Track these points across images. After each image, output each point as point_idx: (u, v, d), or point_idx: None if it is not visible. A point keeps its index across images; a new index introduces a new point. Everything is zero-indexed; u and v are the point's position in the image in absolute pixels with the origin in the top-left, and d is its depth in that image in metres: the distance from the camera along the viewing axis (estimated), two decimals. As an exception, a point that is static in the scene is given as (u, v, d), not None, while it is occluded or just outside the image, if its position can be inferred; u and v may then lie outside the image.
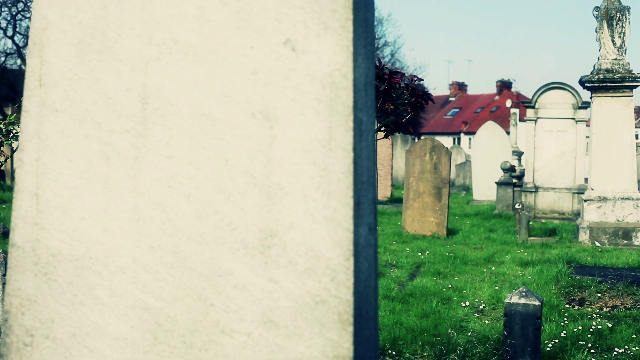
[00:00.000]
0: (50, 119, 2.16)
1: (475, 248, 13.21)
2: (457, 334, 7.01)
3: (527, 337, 6.02)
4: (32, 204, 2.17)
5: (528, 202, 18.63)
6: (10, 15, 53.23)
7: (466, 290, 9.23)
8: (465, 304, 8.42)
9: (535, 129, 18.75)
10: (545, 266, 10.73)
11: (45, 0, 2.20)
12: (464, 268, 11.02)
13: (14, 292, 2.21)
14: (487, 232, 15.53)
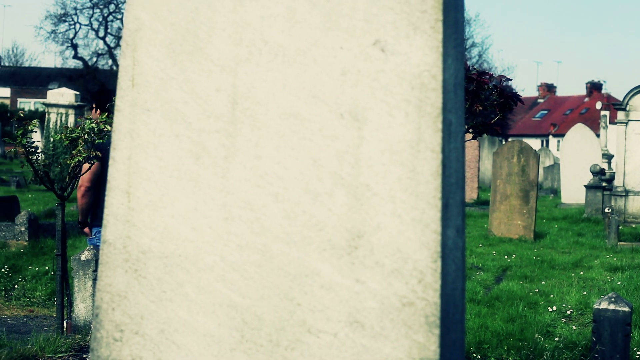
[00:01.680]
0: (142, 118, 2.19)
1: (563, 252, 13.00)
2: (544, 339, 6.92)
3: (616, 344, 5.90)
4: (123, 202, 2.21)
5: (618, 206, 18.26)
6: (102, 17, 54.34)
7: (553, 295, 9.09)
8: (552, 309, 8.29)
9: (626, 132, 18.36)
10: (635, 272, 10.50)
11: (139, 2, 2.23)
12: (552, 272, 10.86)
13: (105, 287, 2.25)
14: (575, 236, 15.27)
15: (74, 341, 6.67)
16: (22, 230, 12.09)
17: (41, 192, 19.93)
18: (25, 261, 11.28)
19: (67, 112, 21.21)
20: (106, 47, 55.10)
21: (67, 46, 54.81)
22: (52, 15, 55.86)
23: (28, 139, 6.97)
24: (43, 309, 9.99)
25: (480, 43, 74.64)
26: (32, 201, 17.63)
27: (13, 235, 12.11)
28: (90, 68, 54.50)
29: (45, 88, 58.87)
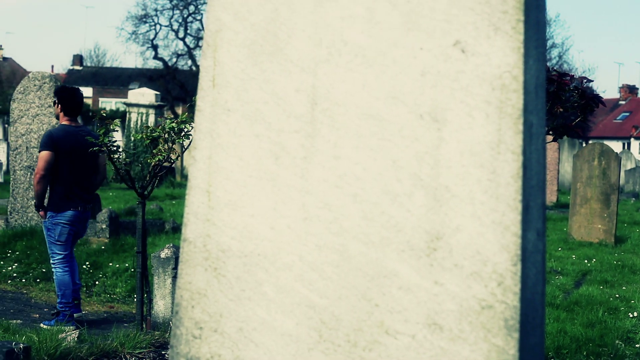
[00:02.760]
0: (223, 118, 2.21)
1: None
2: (624, 345, 6.79)
3: (700, 352, 5.77)
4: (204, 201, 2.24)
5: (702, 211, 17.83)
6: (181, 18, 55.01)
7: (634, 300, 8.92)
8: (633, 315, 8.14)
9: None
10: None
11: (220, 3, 2.26)
12: (633, 277, 10.66)
13: (185, 285, 2.28)
14: (657, 240, 14.96)
15: (153, 337, 6.77)
16: (103, 228, 12.31)
17: (122, 190, 20.26)
18: (106, 258, 11.47)
19: (148, 111, 21.53)
20: (186, 48, 55.75)
21: (148, 47, 55.61)
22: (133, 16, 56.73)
23: (110, 138, 7.10)
24: (123, 305, 10.16)
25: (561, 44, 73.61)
26: (113, 199, 17.93)
27: (94, 233, 12.33)
28: (170, 68, 55.21)
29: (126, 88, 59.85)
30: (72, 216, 8.45)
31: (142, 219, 7.35)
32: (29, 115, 12.57)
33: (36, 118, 12.55)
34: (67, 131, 8.45)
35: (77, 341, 6.49)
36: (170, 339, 2.31)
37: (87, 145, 8.12)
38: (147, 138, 7.06)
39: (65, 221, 8.45)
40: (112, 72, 74.87)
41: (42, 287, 10.88)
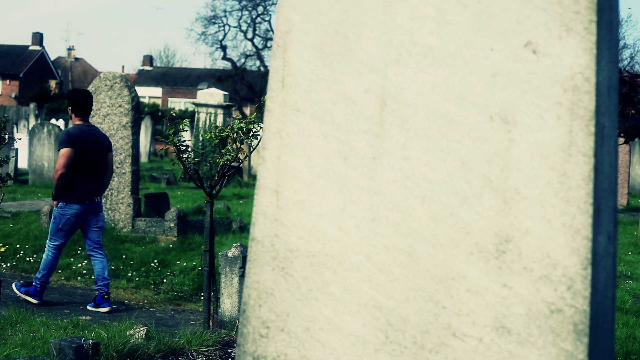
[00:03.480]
0: (292, 118, 2.22)
1: None
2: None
3: None
4: (272, 201, 2.25)
5: None
6: (250, 19, 55.34)
7: None
8: None
9: None
10: None
11: (290, 4, 2.27)
12: None
13: (253, 284, 2.30)
14: None
15: (219, 336, 6.82)
16: (172, 226, 12.45)
17: (190, 189, 20.46)
18: (173, 256, 11.60)
19: (216, 111, 21.70)
20: (254, 49, 56.07)
21: (217, 47, 56.05)
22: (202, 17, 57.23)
23: (179, 138, 7.17)
24: (190, 303, 10.25)
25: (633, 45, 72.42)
26: (181, 198, 18.11)
27: (163, 231, 12.48)
28: (238, 69, 55.57)
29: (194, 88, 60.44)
30: (79, 209, 9.21)
31: (210, 218, 7.41)
32: (99, 115, 12.77)
33: (107, 117, 12.74)
34: (82, 130, 9.25)
35: (145, 338, 6.57)
36: (236, 337, 2.33)
37: (98, 144, 9.25)
38: (215, 138, 7.12)
39: (71, 214, 9.19)
40: (181, 73, 75.67)
41: (112, 284, 11.03)
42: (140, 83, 69.05)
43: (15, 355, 6.05)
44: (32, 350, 6.23)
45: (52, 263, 9.52)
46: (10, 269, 11.78)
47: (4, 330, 7.01)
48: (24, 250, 12.30)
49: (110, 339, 6.14)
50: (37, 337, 6.71)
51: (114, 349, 6.04)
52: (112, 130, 12.69)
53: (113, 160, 9.73)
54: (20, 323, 7.27)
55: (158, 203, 13.66)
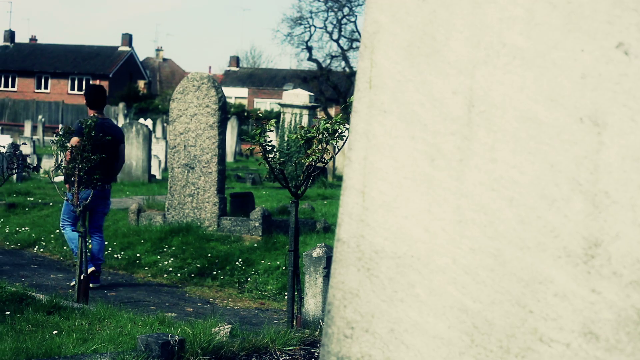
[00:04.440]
0: (379, 119, 2.22)
1: None
2: None
3: None
4: (358, 201, 2.25)
5: None
6: (336, 20, 55.49)
7: None
8: None
9: None
10: None
11: (377, 5, 2.27)
12: None
13: (338, 285, 2.30)
14: None
15: (303, 335, 6.85)
16: (256, 226, 12.55)
17: (275, 189, 20.61)
18: (258, 255, 11.69)
19: (301, 112, 21.81)
20: (340, 50, 56.19)
21: (302, 48, 56.36)
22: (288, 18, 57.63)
23: (265, 138, 7.23)
24: (273, 302, 10.33)
25: None
26: (266, 198, 18.26)
27: (247, 230, 12.59)
28: (323, 70, 55.76)
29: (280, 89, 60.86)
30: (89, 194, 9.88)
31: (295, 218, 7.45)
32: (187, 115, 12.94)
33: (194, 117, 12.90)
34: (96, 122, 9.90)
35: (229, 336, 6.64)
36: (320, 337, 2.34)
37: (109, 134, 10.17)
38: (301, 138, 7.15)
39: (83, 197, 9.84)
40: (267, 73, 76.29)
41: (197, 281, 11.17)
42: (227, 84, 69.81)
43: (103, 350, 6.17)
44: (119, 346, 6.35)
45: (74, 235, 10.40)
46: (99, 266, 12.01)
47: (92, 326, 7.16)
48: (111, 247, 12.54)
49: (196, 336, 6.22)
50: (124, 333, 6.84)
51: (199, 346, 6.11)
52: (199, 130, 12.85)
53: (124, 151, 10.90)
54: (107, 319, 7.41)
55: (243, 202, 13.79)
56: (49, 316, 7.44)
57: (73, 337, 6.58)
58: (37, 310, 7.49)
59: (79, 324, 7.20)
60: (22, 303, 7.77)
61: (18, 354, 5.92)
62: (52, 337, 6.61)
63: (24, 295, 8.09)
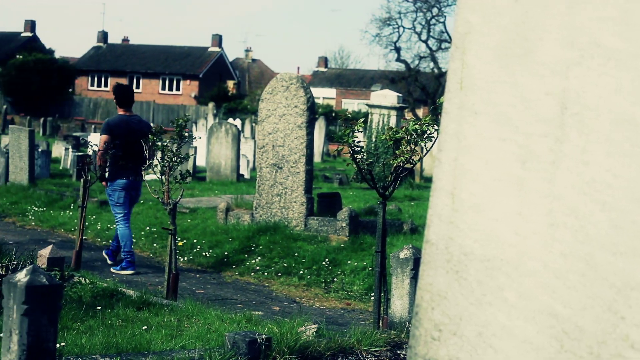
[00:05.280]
0: (469, 120, 2.21)
1: None
2: None
3: None
4: (447, 203, 2.24)
5: None
6: (424, 20, 55.22)
7: None
8: None
9: None
10: None
11: (468, 6, 2.25)
12: None
13: (426, 287, 2.29)
14: None
15: (389, 337, 6.84)
16: (343, 226, 12.56)
17: (361, 190, 20.61)
18: (344, 256, 11.71)
19: (389, 113, 21.76)
20: (428, 50, 55.92)
21: (391, 49, 56.24)
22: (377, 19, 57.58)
23: (354, 139, 7.24)
24: (359, 302, 10.33)
25: None
26: (353, 198, 18.27)
27: (334, 230, 12.61)
28: (412, 71, 55.57)
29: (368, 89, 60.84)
30: (124, 184, 11.11)
31: (382, 219, 7.44)
32: (275, 115, 13.04)
33: (283, 118, 12.99)
34: (122, 119, 11.21)
35: (316, 335, 6.66)
36: (406, 339, 2.34)
37: (137, 130, 11.09)
38: (390, 139, 7.14)
39: (120, 188, 11.11)
40: (355, 74, 76.38)
41: (283, 280, 11.25)
42: (315, 84, 70.11)
43: (191, 346, 6.26)
44: (206, 343, 6.43)
45: (128, 234, 11.29)
46: (187, 263, 12.20)
47: (181, 322, 7.26)
48: (200, 245, 12.71)
49: (283, 335, 6.26)
50: (211, 330, 6.92)
51: (285, 344, 6.15)
52: (287, 130, 12.93)
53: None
54: (195, 315, 7.51)
55: (330, 202, 13.83)
56: (138, 312, 7.57)
57: (162, 333, 6.69)
58: (127, 306, 7.63)
59: (167, 320, 7.31)
60: (113, 298, 7.93)
61: (108, 348, 6.04)
62: (142, 333, 6.73)
63: (115, 290, 8.25)
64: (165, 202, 9.19)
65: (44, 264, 8.41)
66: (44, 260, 8.47)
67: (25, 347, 4.83)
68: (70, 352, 5.84)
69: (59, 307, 5.03)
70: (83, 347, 6.03)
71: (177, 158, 9.33)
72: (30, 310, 4.82)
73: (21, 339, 4.83)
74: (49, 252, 8.58)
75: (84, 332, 6.63)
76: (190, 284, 10.80)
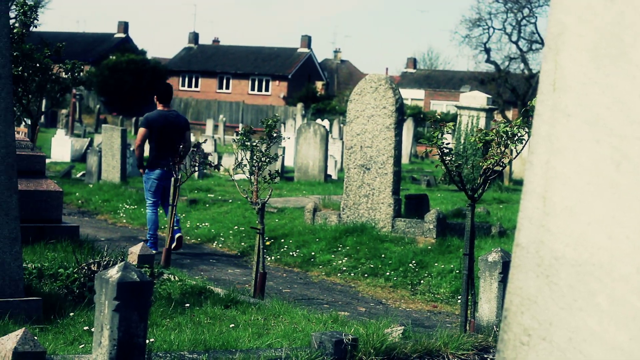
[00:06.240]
0: (562, 122, 2.18)
1: None
2: None
3: None
4: (538, 206, 2.21)
5: None
6: (515, 21, 54.58)
7: None
8: None
9: None
10: None
11: (562, 6, 2.22)
12: None
13: (515, 290, 2.27)
14: None
15: (476, 340, 6.79)
16: (431, 228, 12.50)
17: (449, 192, 20.49)
18: (431, 258, 11.66)
19: (478, 115, 21.56)
20: (518, 51, 55.26)
21: (480, 50, 55.76)
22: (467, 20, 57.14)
23: (443, 141, 7.20)
24: (446, 305, 10.27)
25: None
26: (441, 200, 18.17)
27: (421, 232, 12.56)
28: (501, 72, 54.98)
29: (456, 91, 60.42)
30: (159, 174, 12.11)
31: (471, 221, 7.39)
32: (364, 116, 13.04)
33: (371, 119, 12.99)
34: (160, 114, 12.19)
35: (402, 337, 6.65)
36: (494, 343, 2.32)
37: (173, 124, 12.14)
38: (480, 141, 7.08)
39: (155, 177, 12.15)
40: (443, 75, 75.99)
41: (369, 282, 11.25)
42: (403, 85, 69.93)
43: (277, 345, 6.30)
44: (293, 342, 6.47)
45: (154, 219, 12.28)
46: (274, 262, 12.29)
47: (267, 321, 7.32)
48: (287, 245, 12.79)
49: (369, 336, 6.27)
50: (297, 330, 6.96)
51: (371, 345, 6.15)
52: (375, 132, 12.92)
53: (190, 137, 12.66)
54: (282, 315, 7.56)
55: (418, 204, 13.78)
56: (226, 310, 7.65)
57: (249, 331, 6.75)
58: (215, 304, 7.72)
59: (254, 318, 7.38)
60: (201, 296, 8.03)
61: (196, 345, 6.12)
62: (229, 330, 6.80)
63: (203, 288, 8.36)
64: (253, 202, 9.27)
65: (135, 261, 8.57)
66: (134, 258, 8.63)
67: (115, 342, 4.93)
68: (159, 348, 5.94)
69: (149, 304, 5.12)
70: (171, 343, 6.12)
71: (266, 158, 9.40)
72: (122, 306, 4.92)
73: (112, 334, 4.93)
74: (139, 250, 8.74)
75: (173, 328, 6.74)
76: (277, 283, 10.88)
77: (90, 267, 7.70)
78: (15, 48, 13.79)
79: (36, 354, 4.96)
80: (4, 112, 6.69)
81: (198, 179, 21.82)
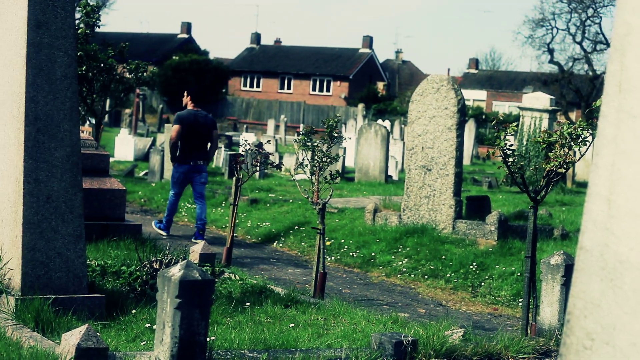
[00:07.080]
0: (628, 124, 2.15)
1: None
2: None
3: None
4: (603, 209, 2.18)
5: None
6: (579, 21, 53.90)
7: None
8: None
9: None
10: None
11: (629, 7, 2.19)
12: None
13: (578, 294, 2.24)
14: None
15: (537, 344, 6.73)
16: (492, 230, 12.41)
17: (511, 193, 20.30)
18: (492, 260, 11.57)
19: (541, 116, 21.33)
20: (582, 52, 54.56)
21: (544, 51, 55.15)
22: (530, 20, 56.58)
23: (506, 142, 7.15)
24: (507, 308, 10.19)
25: None
26: (502, 202, 18.02)
27: (482, 234, 12.47)
28: (565, 73, 54.33)
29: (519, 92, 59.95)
30: (186, 169, 13.09)
31: (533, 223, 7.32)
32: (425, 117, 12.99)
33: (433, 119, 12.93)
34: (190, 113, 13.23)
35: (462, 339, 6.61)
36: (555, 347, 2.30)
37: (202, 123, 13.16)
38: (543, 143, 7.01)
39: (182, 171, 13.12)
40: (506, 76, 75.35)
41: (430, 283, 11.21)
42: (465, 86, 69.51)
43: (337, 345, 6.31)
44: (352, 342, 6.47)
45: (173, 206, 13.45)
46: (334, 262, 12.30)
47: (327, 321, 7.33)
48: (347, 245, 12.80)
49: (429, 338, 6.25)
50: (357, 330, 6.96)
51: (431, 347, 6.13)
52: (437, 132, 12.87)
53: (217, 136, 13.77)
54: (342, 315, 7.57)
55: (479, 206, 13.68)
56: (286, 309, 7.68)
57: (309, 331, 6.77)
58: (275, 303, 7.76)
59: (314, 318, 7.39)
60: (262, 295, 8.07)
61: (256, 344, 6.16)
62: (289, 330, 6.83)
63: (264, 288, 8.40)
64: (314, 202, 9.29)
65: (196, 259, 8.65)
66: (196, 256, 8.71)
67: (177, 339, 4.98)
68: (220, 346, 5.98)
69: (210, 302, 5.16)
70: (232, 341, 6.17)
71: (327, 158, 9.42)
72: (183, 304, 4.97)
73: (173, 331, 4.98)
74: (201, 248, 8.82)
75: (233, 327, 6.78)
76: (337, 283, 10.89)
77: (152, 265, 7.79)
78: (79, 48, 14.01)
79: (99, 350, 5.04)
80: (69, 112, 6.81)
81: (259, 179, 21.93)
